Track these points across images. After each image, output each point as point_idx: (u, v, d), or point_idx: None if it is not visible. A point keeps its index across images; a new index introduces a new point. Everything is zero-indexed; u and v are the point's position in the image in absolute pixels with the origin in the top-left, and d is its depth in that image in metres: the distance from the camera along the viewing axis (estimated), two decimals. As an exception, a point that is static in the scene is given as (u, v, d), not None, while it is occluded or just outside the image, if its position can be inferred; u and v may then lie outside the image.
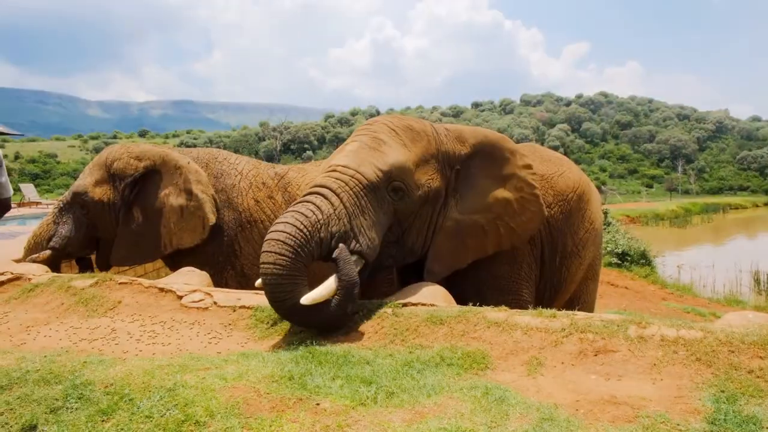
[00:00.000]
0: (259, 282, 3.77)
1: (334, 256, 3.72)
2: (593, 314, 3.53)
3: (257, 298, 4.37)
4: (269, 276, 3.58)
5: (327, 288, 3.67)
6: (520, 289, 4.89)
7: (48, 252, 5.74)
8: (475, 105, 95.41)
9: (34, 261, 5.66)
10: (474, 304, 3.85)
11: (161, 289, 4.65)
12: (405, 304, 3.86)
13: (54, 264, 5.79)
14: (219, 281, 5.55)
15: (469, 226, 4.56)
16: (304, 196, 4.01)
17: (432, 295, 4.00)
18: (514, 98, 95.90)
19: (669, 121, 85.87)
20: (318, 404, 2.57)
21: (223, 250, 5.76)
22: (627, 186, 66.91)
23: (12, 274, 5.21)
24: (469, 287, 4.61)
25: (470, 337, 3.40)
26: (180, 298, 4.52)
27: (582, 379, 2.89)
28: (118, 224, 5.82)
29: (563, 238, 5.25)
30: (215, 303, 4.39)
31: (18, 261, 5.91)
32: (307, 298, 3.59)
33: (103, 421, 2.50)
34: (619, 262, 16.08)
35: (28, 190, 23.41)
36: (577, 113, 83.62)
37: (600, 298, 9.30)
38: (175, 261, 5.91)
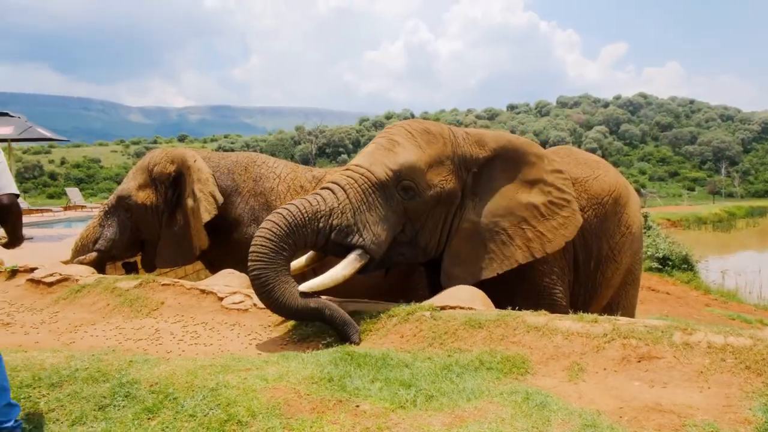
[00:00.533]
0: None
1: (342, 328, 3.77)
2: (636, 320, 3.46)
3: (296, 301, 4.41)
4: (258, 238, 3.79)
5: (330, 277, 3.91)
6: (553, 293, 4.83)
7: (94, 254, 5.91)
8: (511, 107, 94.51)
9: (81, 263, 5.83)
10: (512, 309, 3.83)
11: (203, 291, 4.74)
12: (443, 308, 3.85)
13: (100, 266, 5.95)
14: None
15: (489, 229, 4.52)
16: (317, 190, 4.20)
17: (470, 298, 3.99)
18: (550, 100, 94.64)
19: (711, 122, 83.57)
20: (358, 406, 2.58)
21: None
22: (667, 189, 65.34)
23: (60, 275, 5.38)
24: (500, 292, 4.54)
25: (510, 341, 3.37)
26: (221, 299, 4.60)
27: (625, 386, 2.84)
28: (161, 227, 5.95)
29: (598, 242, 5.16)
30: (255, 305, 4.45)
31: (66, 262, 6.10)
32: (306, 286, 3.81)
33: (148, 419, 2.56)
34: (660, 266, 15.70)
35: (74, 194, 24.12)
36: (616, 115, 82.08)
37: (640, 303, 9.09)
38: (214, 263, 6.01)
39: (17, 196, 2.65)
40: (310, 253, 4.36)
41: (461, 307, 3.84)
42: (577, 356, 3.14)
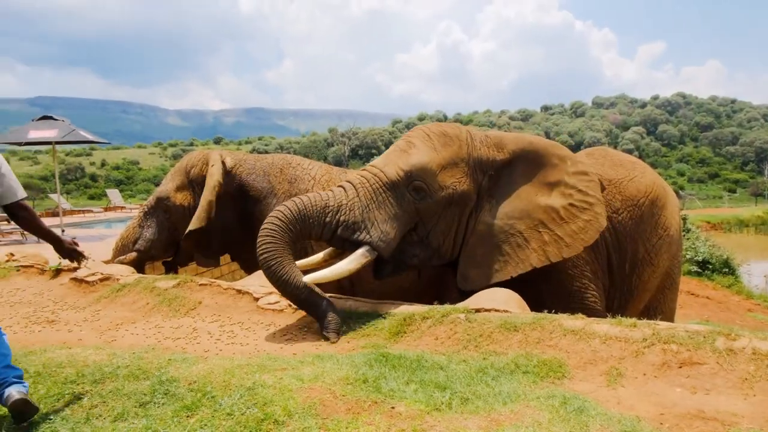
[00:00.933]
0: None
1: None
2: (677, 324, 3.38)
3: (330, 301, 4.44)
4: (270, 217, 4.11)
5: (334, 271, 4.15)
6: (585, 297, 4.75)
7: (134, 254, 6.04)
8: (545, 108, 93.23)
9: (121, 262, 5.97)
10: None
11: (239, 291, 4.81)
12: (478, 310, 3.83)
13: (139, 265, 6.08)
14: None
15: (504, 231, 4.48)
16: (332, 187, 4.45)
17: (505, 301, 3.95)
18: (586, 101, 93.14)
19: (754, 122, 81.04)
20: (393, 408, 2.58)
21: (297, 253, 5.87)
22: (707, 191, 63.59)
23: (102, 274, 5.52)
24: (529, 297, 4.49)
25: (546, 344, 3.33)
26: (256, 300, 4.65)
27: (666, 392, 2.78)
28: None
29: (633, 244, 5.06)
30: (289, 305, 4.50)
31: (107, 262, 6.25)
32: (311, 277, 4.09)
33: (187, 416, 2.61)
34: (700, 270, 15.30)
35: (114, 195, 24.71)
36: (653, 115, 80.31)
37: (679, 308, 8.88)
38: (249, 264, 6.09)
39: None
40: (329, 249, 4.49)
41: (496, 310, 3.81)
42: (616, 361, 3.09)
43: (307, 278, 4.07)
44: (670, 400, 2.69)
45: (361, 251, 4.18)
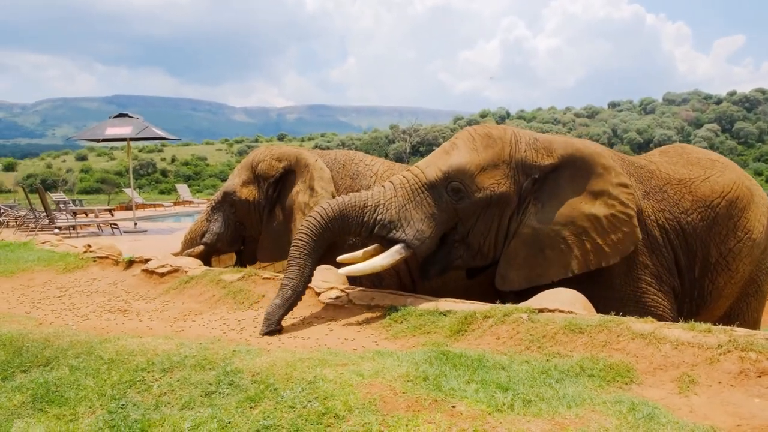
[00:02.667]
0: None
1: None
2: (755, 331, 3.20)
3: (390, 298, 4.45)
4: (308, 217, 4.39)
5: (369, 265, 4.35)
6: (642, 300, 4.59)
7: (201, 247, 6.23)
8: (612, 105, 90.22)
9: (189, 255, 6.17)
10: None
11: (301, 286, 4.86)
12: (541, 310, 3.74)
13: (206, 258, 6.27)
14: (353, 279, 5.70)
15: (549, 236, 4.46)
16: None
17: (570, 301, 3.85)
18: (656, 97, 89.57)
19: (841, 119, 75.98)
20: (453, 407, 2.55)
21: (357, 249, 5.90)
22: (789, 191, 60.08)
23: (171, 266, 5.73)
24: None
25: (613, 348, 3.22)
26: (318, 294, 4.71)
27: (743, 402, 2.63)
28: (263, 222, 6.17)
29: (704, 247, 4.85)
30: (350, 301, 4.53)
31: (176, 254, 6.48)
32: (346, 270, 4.40)
33: (251, 407, 2.67)
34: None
35: (183, 190, 25.59)
36: (729, 112, 76.46)
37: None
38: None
39: None
40: (371, 246, 4.63)
41: (561, 311, 3.71)
42: (688, 367, 2.95)
43: (342, 271, 4.41)
44: (748, 411, 2.54)
45: (396, 248, 4.33)
